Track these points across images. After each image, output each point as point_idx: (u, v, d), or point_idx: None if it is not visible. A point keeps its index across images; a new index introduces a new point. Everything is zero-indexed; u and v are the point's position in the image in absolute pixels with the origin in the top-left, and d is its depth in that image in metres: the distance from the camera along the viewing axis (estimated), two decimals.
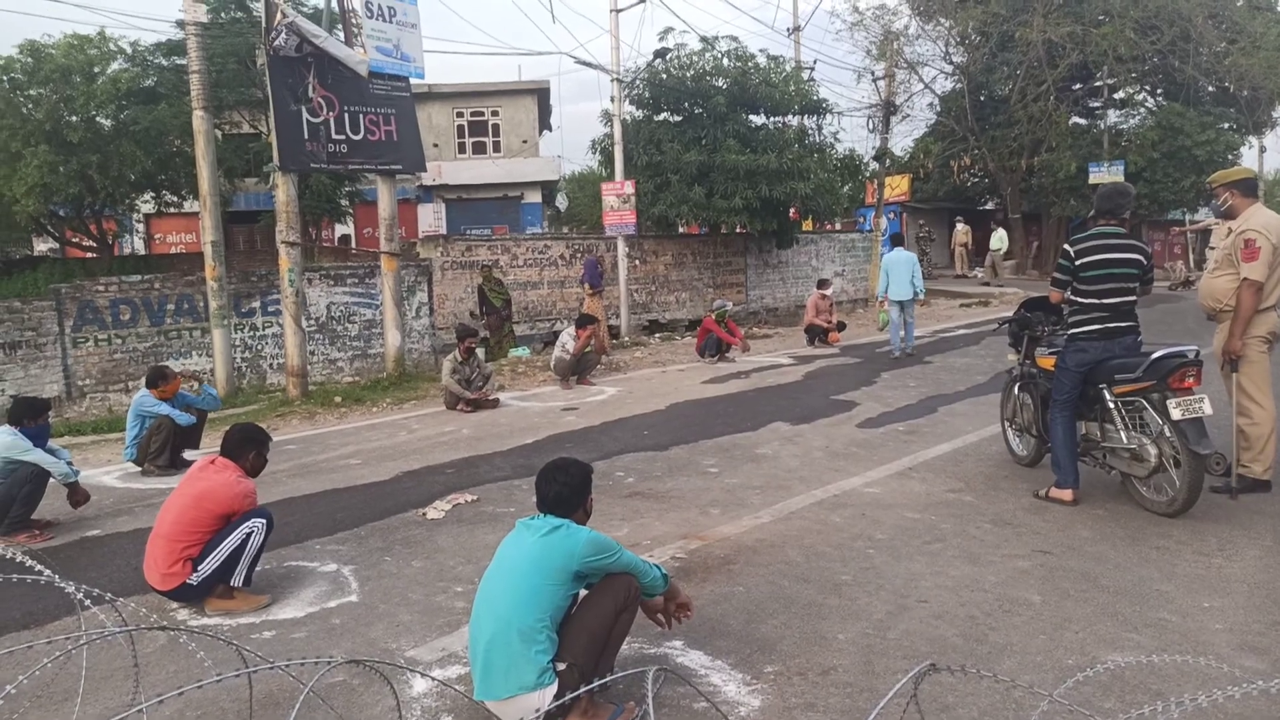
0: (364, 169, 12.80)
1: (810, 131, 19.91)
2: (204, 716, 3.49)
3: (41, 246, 24.68)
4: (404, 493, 6.83)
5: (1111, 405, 5.51)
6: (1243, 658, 3.60)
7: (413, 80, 12.17)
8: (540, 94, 30.97)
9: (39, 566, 2.80)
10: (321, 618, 4.44)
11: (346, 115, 11.27)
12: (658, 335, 18.25)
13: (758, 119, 19.61)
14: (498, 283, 15.97)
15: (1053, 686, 3.36)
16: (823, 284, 16.59)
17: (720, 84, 18.78)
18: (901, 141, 34.36)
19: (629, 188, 17.06)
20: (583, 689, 2.45)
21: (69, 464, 6.14)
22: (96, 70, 17.64)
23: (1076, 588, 4.40)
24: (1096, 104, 30.37)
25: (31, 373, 11.30)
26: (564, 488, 3.42)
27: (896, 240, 14.31)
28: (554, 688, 3.12)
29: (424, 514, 6.18)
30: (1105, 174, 25.21)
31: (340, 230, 28.98)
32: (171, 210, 22.34)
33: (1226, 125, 28.91)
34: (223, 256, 11.65)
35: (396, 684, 3.65)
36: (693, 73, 19.02)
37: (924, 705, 3.31)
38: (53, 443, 6.47)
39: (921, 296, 13.60)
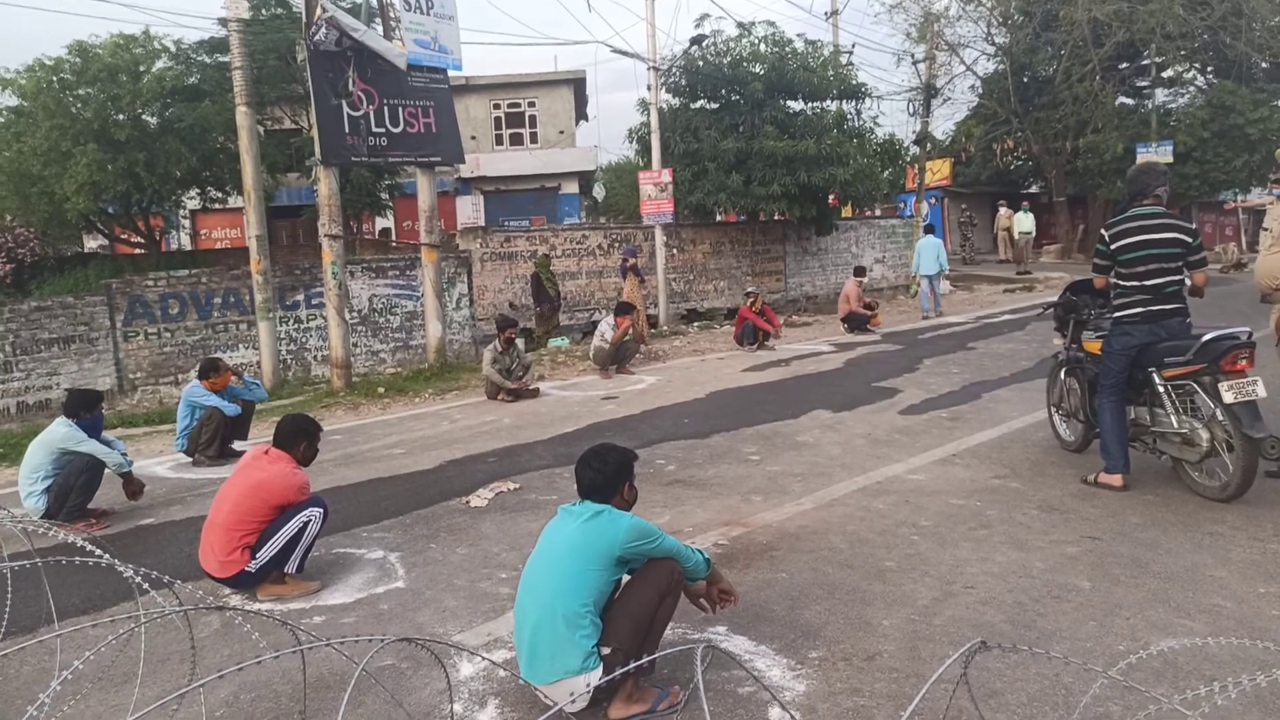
0: (404, 161, 12.94)
1: (849, 116, 19.69)
2: (258, 699, 3.57)
3: (91, 244, 25.22)
4: (447, 481, 6.91)
5: (1161, 389, 5.40)
6: None
7: (450, 72, 12.25)
8: (576, 84, 30.99)
9: (98, 551, 2.88)
10: (370, 603, 4.51)
11: (386, 108, 11.38)
12: (696, 324, 18.22)
13: (796, 105, 19.41)
14: (552, 273, 16.03)
15: (1103, 669, 3.31)
16: (859, 271, 16.48)
17: (757, 70, 18.64)
18: (942, 125, 33.91)
19: (666, 176, 17.02)
20: (631, 665, 2.46)
21: (123, 454, 6.30)
22: (142, 69, 17.96)
23: (1127, 574, 4.33)
24: (1144, 83, 29.64)
25: (85, 366, 11.59)
26: (598, 474, 3.44)
27: (928, 230, 17.99)
28: (599, 671, 3.15)
29: (467, 502, 6.25)
30: (1153, 154, 24.60)
31: (380, 224, 29.27)
32: (216, 206, 22.74)
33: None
34: (267, 250, 11.84)
35: (441, 669, 3.71)
36: (729, 59, 18.90)
37: (976, 691, 3.28)
38: (107, 434, 6.63)
39: (946, 270, 17.71)
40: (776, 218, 20.42)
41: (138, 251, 22.22)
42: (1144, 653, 2.52)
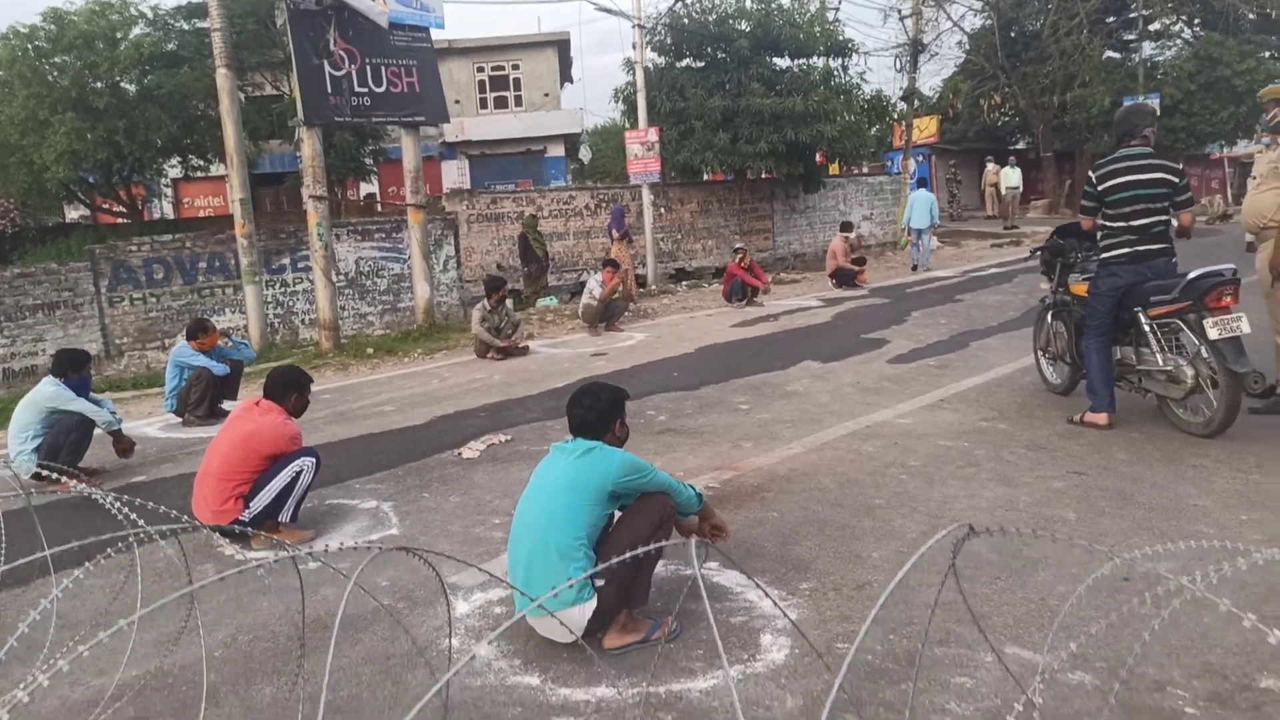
0: (387, 121, 12.81)
1: (836, 73, 19.52)
2: (256, 639, 3.60)
3: (73, 214, 24.94)
4: (439, 435, 6.93)
5: (1147, 328, 5.44)
6: None
7: (433, 33, 12.09)
8: (560, 46, 30.63)
9: (95, 493, 2.88)
10: (364, 551, 4.54)
11: (369, 67, 11.24)
12: (685, 283, 18.20)
13: (782, 62, 19.27)
14: (539, 233, 15.96)
15: (1088, 596, 3.38)
16: (845, 227, 16.47)
17: (743, 27, 18.46)
18: (930, 81, 33.81)
19: (653, 135, 16.90)
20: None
21: (112, 413, 6.28)
22: (119, 35, 17.63)
23: (1112, 505, 4.39)
24: (1131, 36, 29.48)
25: (70, 332, 11.53)
26: (589, 411, 3.45)
27: (922, 183, 18.39)
28: (593, 603, 3.19)
29: (459, 454, 6.27)
30: None
31: (365, 189, 29.01)
32: (198, 174, 22.46)
33: (1268, 54, 27.99)
34: (251, 214, 11.73)
35: (438, 608, 3.75)
36: (715, 16, 18.71)
37: (959, 614, 3.34)
38: (95, 395, 6.61)
39: (937, 224, 18.18)
40: (764, 176, 20.35)
41: (120, 221, 21.97)
42: (1125, 556, 2.57)
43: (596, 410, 3.46)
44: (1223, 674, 2.88)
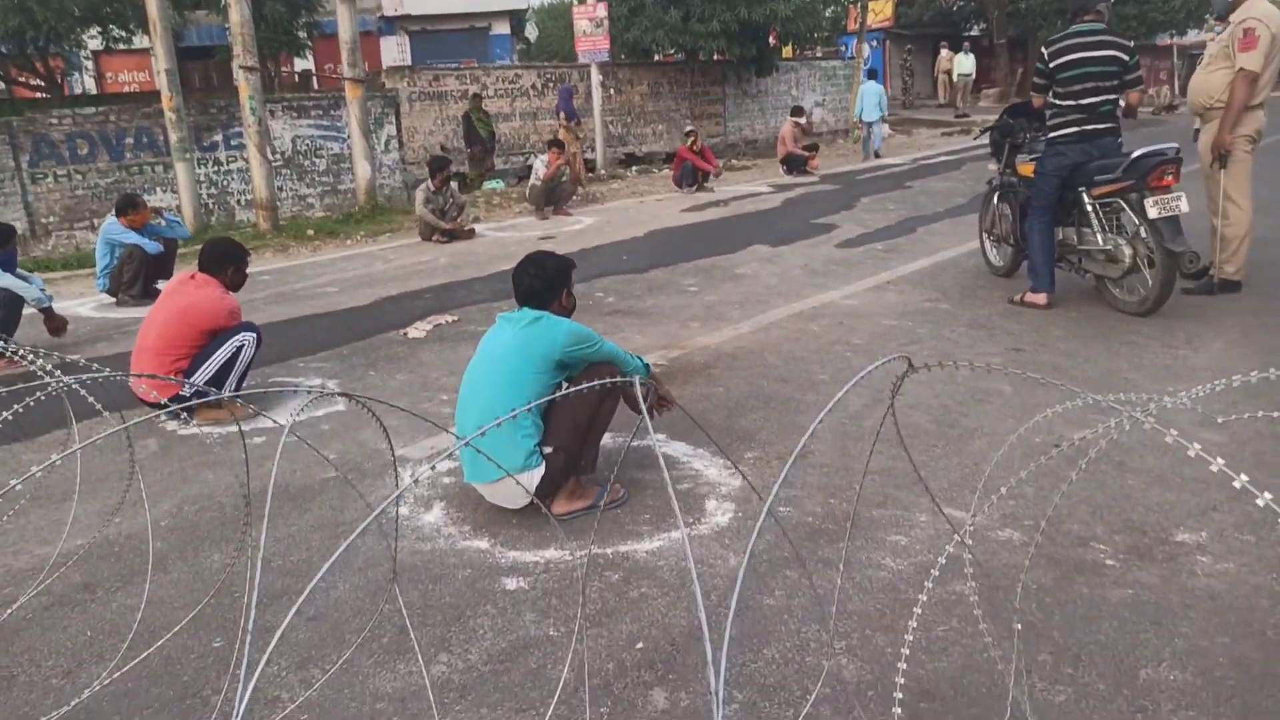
0: None
1: None
2: (202, 510, 3.59)
3: None
4: (384, 316, 6.83)
5: (1090, 208, 5.51)
6: (1204, 433, 3.75)
7: None
8: None
9: (37, 360, 2.78)
10: (310, 424, 4.51)
11: None
12: (634, 168, 17.89)
13: None
14: (484, 113, 15.46)
15: (1020, 461, 3.51)
16: (796, 111, 16.26)
17: None
18: None
19: (602, 10, 16.28)
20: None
21: (41, 289, 6.06)
22: None
23: (1046, 379, 4.51)
24: None
25: None
26: (536, 279, 3.41)
27: (872, 75, 18.33)
28: (541, 469, 3.22)
29: (405, 334, 6.21)
30: None
31: (300, 65, 27.67)
32: (120, 47, 21.16)
33: None
34: (178, 86, 11.11)
35: (387, 479, 3.77)
36: None
37: (897, 480, 3.46)
38: (23, 271, 6.35)
39: (885, 116, 18.02)
40: (716, 58, 19.82)
41: (39, 95, 20.73)
42: (1064, 446, 2.67)
43: (543, 279, 3.42)
44: (1142, 530, 3.04)
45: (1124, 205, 5.32)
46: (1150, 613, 2.57)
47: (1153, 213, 5.09)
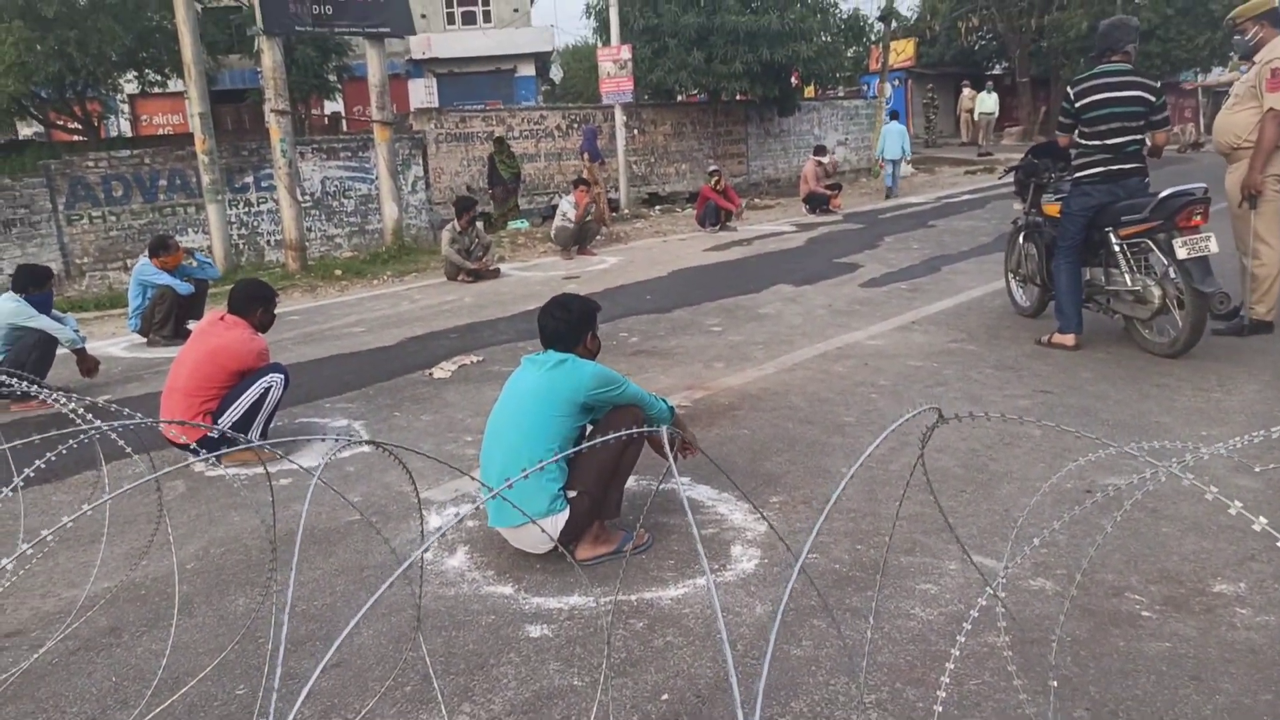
0: (350, 31, 12.38)
1: None
2: (228, 552, 3.60)
3: (26, 130, 24.07)
4: (410, 356, 6.88)
5: (1117, 248, 5.47)
6: (1239, 479, 3.68)
7: None
8: None
9: (56, 397, 2.82)
10: (336, 466, 4.53)
11: None
12: (658, 207, 18.01)
13: None
14: (509, 155, 15.64)
15: (1051, 508, 3.45)
16: (819, 151, 16.35)
17: None
18: (908, 1, 33.00)
19: (625, 52, 16.50)
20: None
21: (75, 330, 6.16)
22: None
23: (1076, 422, 4.47)
24: None
25: (29, 251, 11.23)
26: (560, 322, 3.42)
27: (894, 115, 19.03)
28: (565, 514, 3.21)
29: (430, 374, 6.24)
30: None
31: (330, 108, 28.22)
32: (156, 91, 21.71)
33: None
34: (211, 129, 11.36)
35: (411, 522, 3.77)
36: None
37: (925, 526, 3.41)
38: (57, 312, 6.46)
39: (908, 157, 18.35)
40: (738, 98, 20.02)
41: (76, 138, 21.23)
42: (1098, 495, 2.62)
43: (568, 321, 3.43)
44: (1178, 579, 2.97)
45: (1152, 245, 5.27)
46: (1189, 667, 2.50)
47: (1182, 253, 5.04)
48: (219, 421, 4.50)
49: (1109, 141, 5.36)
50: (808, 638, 2.73)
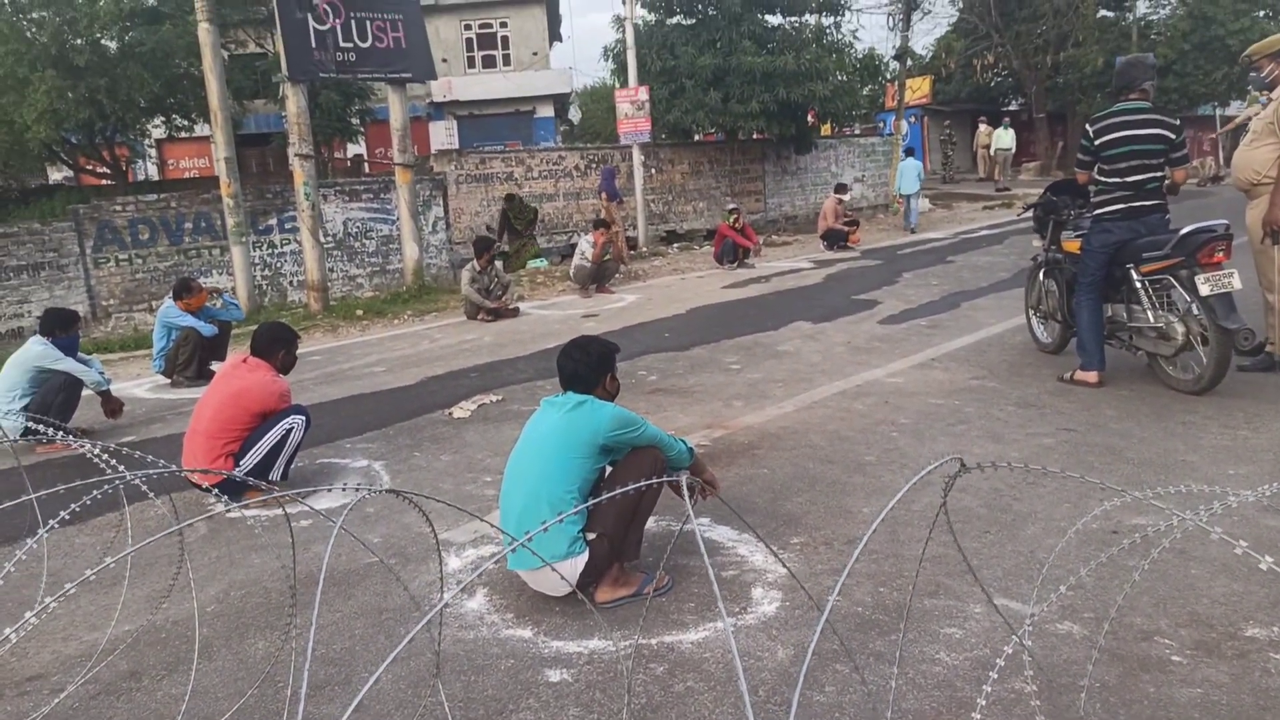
0: (373, 77, 12.62)
1: (828, 31, 19.29)
2: (249, 595, 3.61)
3: (56, 175, 24.61)
4: (429, 395, 6.91)
5: (1139, 285, 5.43)
6: (1267, 518, 3.62)
7: None
8: (549, 3, 30.15)
9: (83, 444, 2.85)
10: (356, 507, 4.54)
11: (354, 21, 11.05)
12: (676, 245, 18.09)
13: (774, 19, 19.03)
14: (521, 206, 15.74)
15: (1077, 549, 3.40)
16: (840, 189, 16.39)
17: None
18: (923, 40, 33.40)
19: (643, 94, 16.70)
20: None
21: (101, 373, 6.24)
22: None
23: (1101, 461, 4.41)
24: None
25: (56, 293, 11.42)
26: (580, 364, 3.44)
27: (910, 152, 18.72)
28: (585, 556, 3.19)
29: (450, 414, 6.26)
30: None
31: (352, 150, 28.67)
32: (182, 135, 22.19)
33: (1261, 13, 27.76)
34: (236, 173, 11.58)
35: (430, 564, 3.76)
36: None
37: (949, 568, 3.37)
38: (83, 355, 6.55)
39: (920, 191, 18.33)
40: (755, 137, 20.16)
41: (104, 182, 21.66)
42: (1125, 542, 2.59)
43: (587, 363, 3.44)
44: (1209, 623, 2.91)
45: (1174, 282, 5.24)
46: (1222, 714, 2.44)
47: (1205, 290, 5.00)
48: (241, 463, 4.53)
49: (1129, 179, 5.36)
50: (830, 683, 2.69)
